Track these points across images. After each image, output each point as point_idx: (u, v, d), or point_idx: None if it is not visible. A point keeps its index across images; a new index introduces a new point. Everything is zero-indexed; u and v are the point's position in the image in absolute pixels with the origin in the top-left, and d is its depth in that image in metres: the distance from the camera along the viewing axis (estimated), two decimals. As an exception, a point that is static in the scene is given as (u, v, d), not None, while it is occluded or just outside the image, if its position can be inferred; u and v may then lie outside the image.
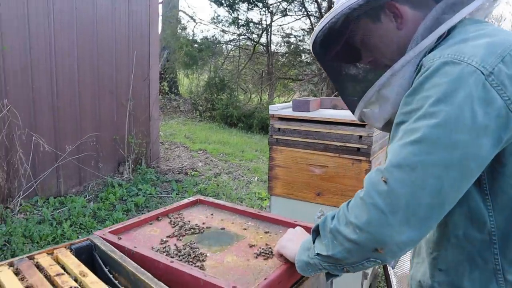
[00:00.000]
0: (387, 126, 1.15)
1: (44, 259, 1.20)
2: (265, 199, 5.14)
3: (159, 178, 5.45)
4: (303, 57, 14.96)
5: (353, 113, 1.24)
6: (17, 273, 1.13)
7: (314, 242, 1.09)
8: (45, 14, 4.38)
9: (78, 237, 3.62)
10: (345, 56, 1.18)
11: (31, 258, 1.21)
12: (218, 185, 5.51)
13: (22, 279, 1.10)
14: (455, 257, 1.02)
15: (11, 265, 1.17)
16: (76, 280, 1.11)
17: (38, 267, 1.16)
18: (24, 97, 4.28)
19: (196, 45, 14.03)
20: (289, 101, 13.29)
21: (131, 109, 5.46)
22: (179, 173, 5.92)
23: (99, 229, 3.94)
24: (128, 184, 5.00)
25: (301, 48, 14.68)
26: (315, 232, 1.10)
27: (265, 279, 1.15)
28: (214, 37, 14.62)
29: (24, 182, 4.20)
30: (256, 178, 6.19)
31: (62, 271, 1.14)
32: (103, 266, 1.21)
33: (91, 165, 5.06)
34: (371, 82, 1.11)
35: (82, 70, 4.86)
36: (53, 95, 4.56)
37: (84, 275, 1.11)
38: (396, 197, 0.86)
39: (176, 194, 4.94)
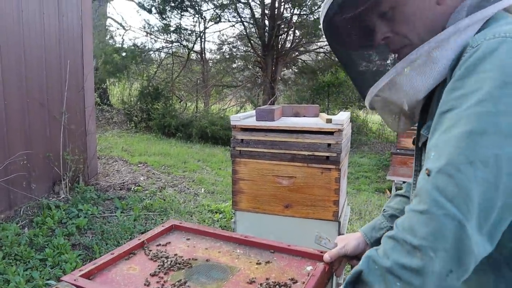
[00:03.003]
0: (401, 113, 1.07)
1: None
2: (216, 212, 4.96)
3: (100, 196, 5.06)
4: (236, 63, 14.97)
5: (363, 93, 1.09)
6: None
7: None
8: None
9: (14, 271, 3.22)
10: (370, 27, 1.03)
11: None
12: (164, 200, 5.24)
13: None
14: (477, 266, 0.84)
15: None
16: None
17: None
18: None
19: (124, 53, 13.52)
20: (225, 108, 13.10)
21: (65, 123, 5.04)
22: (121, 189, 5.56)
23: (38, 259, 3.55)
24: (66, 205, 4.58)
25: (234, 54, 14.67)
26: (354, 284, 0.88)
27: None
28: (144, 45, 14.18)
29: None
30: (202, 189, 5.99)
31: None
32: (83, 322, 1.00)
33: (22, 186, 4.57)
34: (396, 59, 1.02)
35: (8, 81, 4.38)
36: (-25, 111, 4.06)
37: None
38: (470, 200, 0.72)
39: (121, 213, 4.60)
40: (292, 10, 12.83)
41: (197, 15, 13.27)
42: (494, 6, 0.89)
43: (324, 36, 1.12)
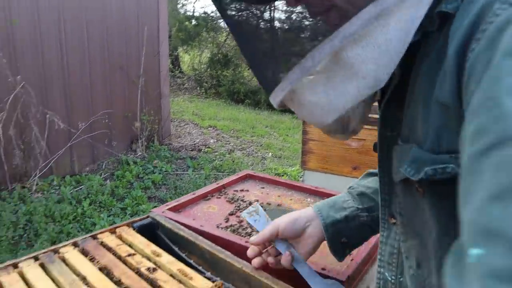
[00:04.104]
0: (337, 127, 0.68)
1: (109, 239, 1.11)
2: (283, 175, 5.07)
3: (173, 155, 5.36)
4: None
5: (268, 93, 0.65)
6: (84, 253, 1.05)
7: None
8: (53, -14, 4.21)
9: (99, 216, 3.56)
10: None
11: (94, 237, 1.12)
12: (233, 162, 5.43)
13: (92, 260, 1.01)
14: None
15: (75, 245, 1.08)
16: (149, 260, 1.03)
17: (105, 246, 1.08)
18: (35, 73, 4.15)
19: (195, 21, 13.75)
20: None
21: (142, 86, 5.33)
22: (192, 150, 5.84)
23: (119, 207, 3.89)
24: (142, 161, 4.92)
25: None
26: None
27: (351, 260, 1.08)
28: (214, 13, 14.32)
29: (40, 161, 4.11)
30: (270, 154, 6.12)
31: (133, 251, 1.05)
32: (172, 245, 1.13)
33: (104, 143, 4.96)
34: (316, 36, 0.67)
35: (92, 46, 4.71)
36: (64, 72, 4.42)
37: (158, 255, 1.03)
38: None
39: (193, 171, 4.86)
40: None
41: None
42: None
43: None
